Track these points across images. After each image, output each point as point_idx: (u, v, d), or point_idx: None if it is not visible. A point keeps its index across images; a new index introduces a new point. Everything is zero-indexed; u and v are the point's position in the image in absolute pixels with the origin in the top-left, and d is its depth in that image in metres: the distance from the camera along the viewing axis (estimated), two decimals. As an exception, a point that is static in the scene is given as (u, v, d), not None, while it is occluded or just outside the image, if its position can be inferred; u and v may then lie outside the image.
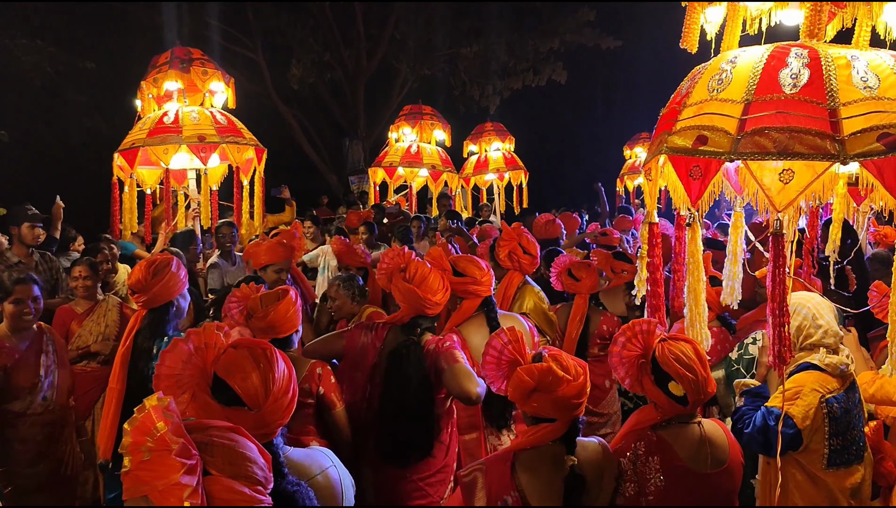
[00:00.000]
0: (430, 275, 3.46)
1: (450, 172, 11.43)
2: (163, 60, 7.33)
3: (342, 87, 18.17)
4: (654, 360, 2.54)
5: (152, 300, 3.60)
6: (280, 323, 3.15)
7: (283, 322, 3.16)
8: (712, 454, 2.58)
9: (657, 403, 2.58)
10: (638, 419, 2.66)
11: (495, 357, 2.59)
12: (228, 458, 1.59)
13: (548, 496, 2.40)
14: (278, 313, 3.13)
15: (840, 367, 2.98)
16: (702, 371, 2.51)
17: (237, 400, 1.91)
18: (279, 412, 1.96)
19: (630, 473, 2.51)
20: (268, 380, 1.94)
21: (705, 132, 2.75)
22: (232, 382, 1.92)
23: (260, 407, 1.91)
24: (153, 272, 3.59)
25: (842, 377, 3.00)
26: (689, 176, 2.77)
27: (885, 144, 2.55)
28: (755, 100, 2.69)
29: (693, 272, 3.05)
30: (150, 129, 6.97)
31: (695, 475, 2.53)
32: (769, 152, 2.59)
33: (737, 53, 2.96)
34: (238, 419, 1.83)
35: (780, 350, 2.65)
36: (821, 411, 2.93)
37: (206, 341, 1.98)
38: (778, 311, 2.64)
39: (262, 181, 7.49)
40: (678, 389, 2.49)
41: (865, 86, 2.66)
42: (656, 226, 3.13)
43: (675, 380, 2.49)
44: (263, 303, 3.18)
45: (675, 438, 2.56)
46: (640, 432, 2.59)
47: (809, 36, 2.85)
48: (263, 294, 3.24)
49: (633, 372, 2.58)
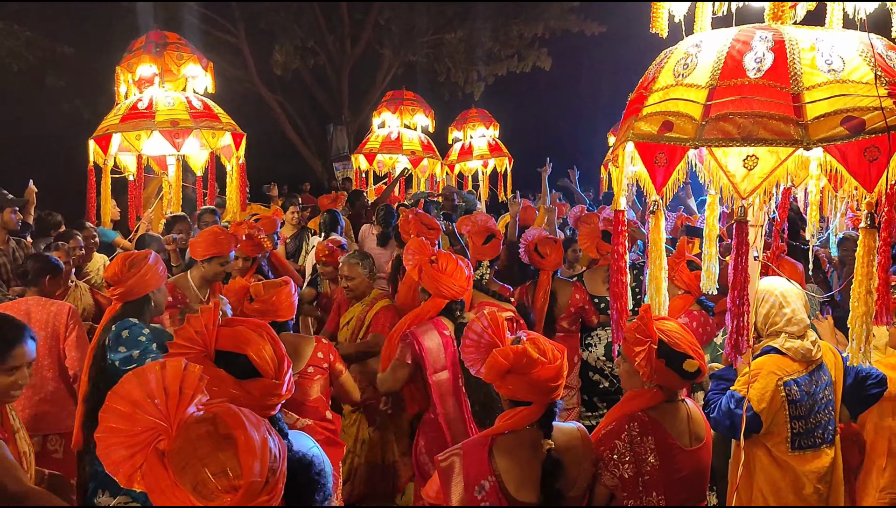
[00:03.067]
0: (457, 264, 3.85)
1: (431, 157, 11.36)
2: (138, 45, 7.25)
3: (326, 72, 18.08)
4: (662, 344, 2.58)
5: (127, 293, 3.53)
6: (283, 307, 3.47)
7: (286, 307, 3.48)
8: (695, 430, 2.69)
9: (666, 386, 2.62)
10: (633, 402, 2.68)
11: (475, 341, 2.64)
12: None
13: (525, 480, 2.43)
14: (280, 298, 3.45)
15: (801, 351, 3.00)
16: (698, 343, 2.64)
17: (253, 372, 1.98)
18: (286, 382, 2.05)
19: (628, 455, 2.55)
20: (278, 351, 2.06)
21: (671, 118, 2.73)
22: (249, 353, 1.99)
23: (275, 376, 2.01)
24: (129, 265, 3.54)
25: (804, 360, 3.02)
26: (654, 163, 2.75)
27: (848, 127, 2.54)
28: (719, 85, 2.67)
29: (654, 260, 3.03)
30: (123, 114, 6.90)
31: (682, 451, 2.61)
32: (733, 139, 2.57)
33: (702, 38, 2.94)
34: (255, 388, 1.95)
35: (738, 340, 2.66)
36: (778, 393, 2.96)
37: (206, 321, 2.02)
38: (738, 300, 2.65)
39: (242, 167, 7.40)
40: (692, 365, 2.56)
41: (830, 69, 2.64)
42: (622, 213, 3.11)
43: (693, 357, 2.55)
44: (266, 289, 3.48)
45: (664, 417, 2.63)
46: (632, 414, 2.62)
47: (774, 18, 2.83)
48: (266, 282, 3.57)
49: (649, 361, 2.59)
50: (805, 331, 3.10)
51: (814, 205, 3.59)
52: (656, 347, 2.57)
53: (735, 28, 2.91)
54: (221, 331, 2.03)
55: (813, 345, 3.06)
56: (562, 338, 5.19)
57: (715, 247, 3.10)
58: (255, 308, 3.43)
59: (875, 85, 2.58)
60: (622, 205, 3.10)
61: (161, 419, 1.49)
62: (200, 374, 1.58)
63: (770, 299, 3.10)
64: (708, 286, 3.16)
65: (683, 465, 2.60)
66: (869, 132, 2.52)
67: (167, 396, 1.51)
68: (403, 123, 11.36)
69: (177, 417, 1.50)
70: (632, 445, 2.55)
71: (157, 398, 1.50)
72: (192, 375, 1.56)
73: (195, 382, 1.56)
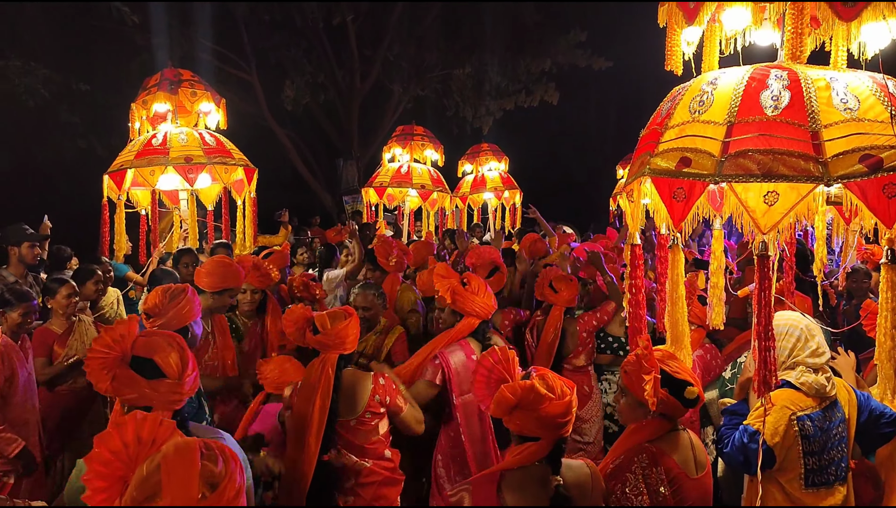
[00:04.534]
0: (485, 285, 4.01)
1: (440, 191, 11.45)
2: (153, 82, 7.36)
3: (336, 107, 18.26)
4: (665, 373, 2.62)
5: (167, 325, 3.48)
6: (349, 340, 3.40)
7: (352, 340, 3.42)
8: (698, 458, 2.71)
9: (669, 414, 2.66)
10: (638, 434, 2.69)
11: (485, 376, 2.62)
12: None
13: None
14: (347, 330, 3.38)
15: (815, 386, 2.97)
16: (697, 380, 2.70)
17: (159, 373, 2.36)
18: (190, 384, 2.42)
19: (642, 486, 2.54)
20: (183, 357, 2.43)
21: (688, 154, 2.75)
22: (156, 358, 2.38)
23: (178, 378, 2.37)
24: (169, 297, 3.52)
25: (818, 396, 2.99)
26: (672, 198, 2.76)
27: (867, 165, 2.56)
28: (738, 122, 2.70)
29: (672, 295, 3.03)
30: (138, 150, 6.98)
31: (689, 480, 2.63)
32: (753, 175, 2.59)
33: (717, 75, 2.97)
34: (160, 387, 2.35)
35: (766, 375, 2.64)
36: (791, 428, 2.93)
37: (122, 331, 2.40)
38: (764, 334, 2.64)
39: (253, 201, 7.47)
40: (693, 392, 2.61)
41: (846, 108, 2.68)
42: (638, 247, 3.12)
43: (693, 384, 2.61)
44: (332, 320, 3.40)
45: (670, 446, 2.65)
46: (639, 446, 2.63)
47: (792, 58, 2.87)
48: (330, 313, 3.46)
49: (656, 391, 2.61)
50: (823, 365, 3.08)
51: (821, 240, 3.60)
52: (658, 377, 2.61)
53: (749, 66, 2.95)
54: (138, 339, 2.41)
55: (828, 381, 3.03)
56: (570, 373, 5.16)
57: (722, 280, 3.10)
58: (318, 340, 3.36)
59: (891, 124, 2.61)
60: (637, 240, 3.11)
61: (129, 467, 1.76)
62: (174, 427, 1.86)
63: (795, 332, 3.07)
64: (716, 321, 3.15)
65: (691, 493, 2.63)
66: (887, 169, 2.56)
67: (139, 445, 1.80)
68: (413, 157, 11.47)
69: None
70: (644, 476, 2.55)
71: (130, 446, 1.79)
72: (166, 428, 1.85)
73: (167, 434, 1.83)
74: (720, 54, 3.32)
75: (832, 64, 3.15)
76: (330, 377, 3.29)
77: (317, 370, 3.32)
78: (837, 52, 3.16)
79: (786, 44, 2.90)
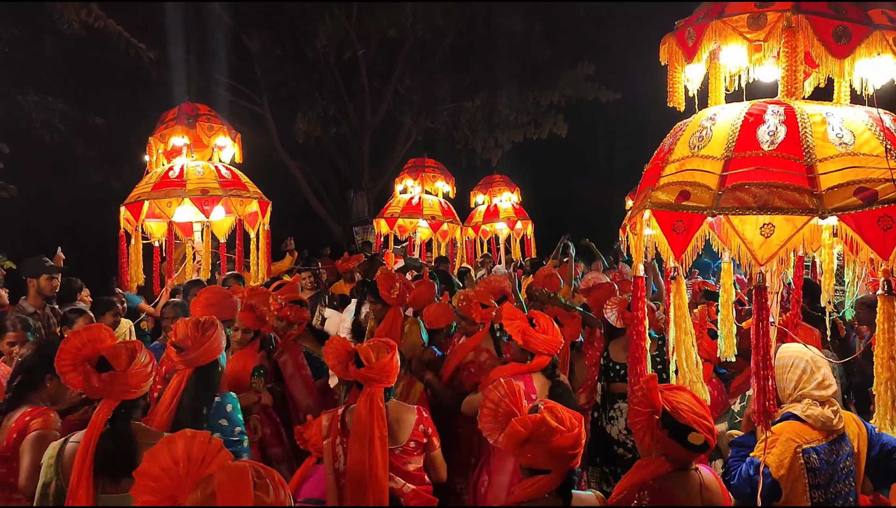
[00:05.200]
0: (551, 321, 4.20)
1: (451, 222, 11.56)
2: (170, 116, 7.54)
3: (347, 139, 18.47)
4: (666, 414, 2.56)
5: (199, 359, 3.44)
6: (392, 373, 3.43)
7: (395, 373, 3.45)
8: (708, 499, 2.64)
9: (672, 456, 2.59)
10: (643, 470, 2.67)
11: (492, 410, 2.63)
12: None
13: None
14: (391, 364, 3.42)
15: (821, 419, 2.98)
16: (710, 415, 2.58)
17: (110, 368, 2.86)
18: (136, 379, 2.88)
19: None
20: (133, 357, 2.90)
21: (688, 188, 2.84)
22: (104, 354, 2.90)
23: (123, 370, 2.84)
24: (201, 330, 3.47)
25: (824, 429, 2.99)
26: (672, 230, 2.85)
27: (862, 198, 2.64)
28: (735, 156, 2.79)
29: (680, 326, 3.09)
30: (155, 183, 7.14)
31: None
32: (750, 207, 2.67)
33: (716, 111, 3.07)
34: (110, 379, 2.84)
35: (765, 405, 2.69)
36: (797, 460, 2.93)
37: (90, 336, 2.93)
38: (762, 364, 2.69)
39: (267, 234, 7.61)
40: (698, 438, 2.53)
41: (841, 142, 2.76)
42: (641, 279, 3.19)
43: (696, 430, 2.52)
44: (377, 353, 3.43)
45: (676, 485, 2.60)
46: (642, 483, 2.60)
47: (788, 94, 2.96)
48: (373, 345, 3.49)
49: (650, 430, 2.59)
50: (830, 398, 3.10)
51: (828, 272, 3.66)
52: (658, 417, 2.56)
53: (747, 102, 3.05)
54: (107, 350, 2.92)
55: (834, 414, 3.03)
56: None
57: (732, 312, 3.15)
58: (363, 374, 3.39)
59: (886, 158, 2.69)
60: (641, 271, 3.18)
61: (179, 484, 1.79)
62: (220, 445, 1.88)
63: (800, 364, 3.09)
64: (727, 353, 3.19)
65: None
66: (882, 202, 2.63)
67: (189, 463, 1.82)
68: (425, 189, 11.62)
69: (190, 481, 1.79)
70: None
71: (180, 463, 1.81)
72: (215, 446, 1.87)
73: (215, 452, 1.85)
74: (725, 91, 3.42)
75: (835, 99, 3.25)
76: (381, 409, 3.34)
77: (365, 406, 3.34)
78: (840, 87, 3.26)
79: (782, 81, 2.99)
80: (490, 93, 17.10)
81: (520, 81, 17.27)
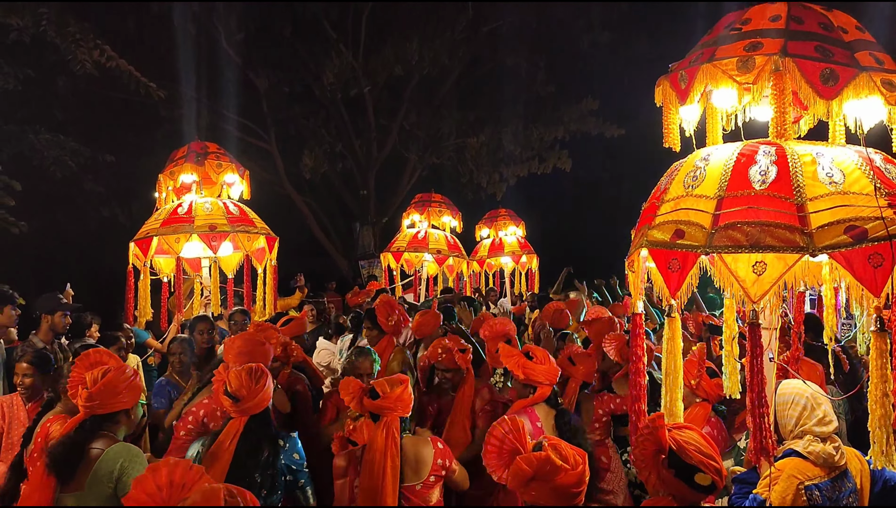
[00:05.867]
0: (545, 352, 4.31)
1: (457, 256, 11.64)
2: (180, 154, 7.69)
3: (353, 175, 18.67)
4: (673, 453, 2.52)
5: (254, 407, 3.47)
6: (405, 404, 3.55)
7: (408, 404, 3.57)
8: None
9: (678, 496, 2.55)
10: None
11: (496, 446, 2.64)
12: None
13: None
14: (403, 395, 3.53)
15: (823, 455, 2.98)
16: (718, 456, 2.54)
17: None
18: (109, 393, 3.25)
19: None
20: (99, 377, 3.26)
21: (682, 226, 2.91)
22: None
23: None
24: (255, 380, 3.50)
25: (826, 465, 2.99)
26: (668, 268, 2.91)
27: (852, 236, 2.70)
28: (727, 195, 2.87)
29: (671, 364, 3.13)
30: (164, 219, 7.26)
31: None
32: (742, 246, 2.74)
33: (710, 151, 3.16)
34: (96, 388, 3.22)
35: (762, 441, 2.71)
36: (800, 497, 2.93)
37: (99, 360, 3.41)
38: (757, 401, 2.73)
39: (274, 269, 7.70)
40: (705, 479, 2.49)
41: (831, 181, 2.84)
42: (640, 317, 3.24)
43: (703, 470, 2.48)
44: (391, 386, 3.56)
45: None
46: None
47: (778, 136, 3.04)
48: (388, 379, 3.63)
49: (655, 469, 2.56)
50: (831, 434, 3.12)
51: (829, 307, 3.70)
52: (665, 456, 2.53)
53: (740, 142, 3.13)
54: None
55: (836, 451, 3.02)
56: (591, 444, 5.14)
57: (735, 348, 3.19)
58: (379, 405, 3.49)
59: (875, 196, 2.76)
60: (640, 308, 3.24)
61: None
62: (202, 472, 2.14)
63: (801, 401, 3.08)
64: (732, 391, 3.21)
65: None
66: (871, 240, 2.69)
67: (171, 488, 2.08)
68: (431, 224, 11.73)
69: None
70: None
71: (164, 489, 2.08)
72: (195, 472, 2.13)
73: (196, 478, 2.11)
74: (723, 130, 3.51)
75: (830, 138, 3.33)
76: (397, 440, 3.44)
77: (381, 435, 3.44)
78: (835, 127, 3.34)
79: (772, 122, 3.08)
80: (495, 128, 17.30)
81: (524, 117, 17.47)
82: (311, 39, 16.44)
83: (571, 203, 20.79)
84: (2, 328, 5.76)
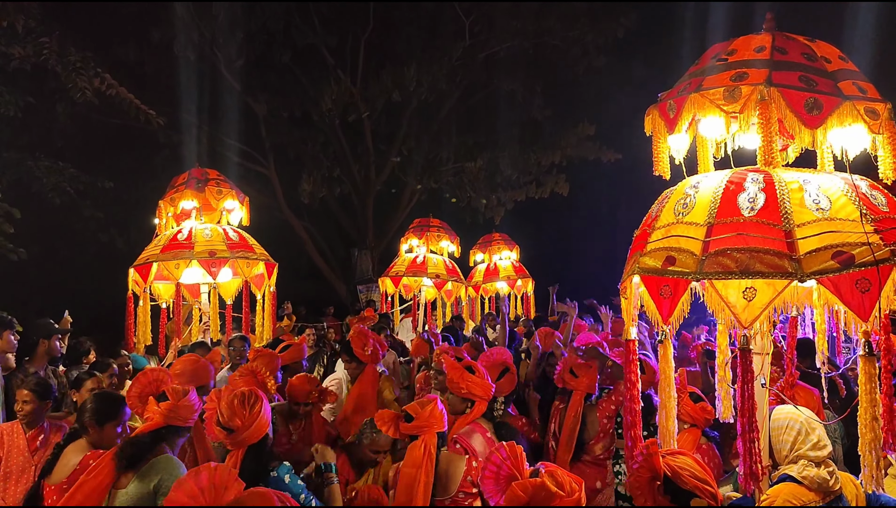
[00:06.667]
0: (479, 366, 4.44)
1: (455, 281, 11.68)
2: (181, 181, 7.77)
3: (351, 199, 18.77)
4: (668, 480, 2.54)
5: (250, 437, 3.22)
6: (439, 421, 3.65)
7: (441, 421, 3.66)
8: None
9: None
10: None
11: (494, 472, 2.66)
12: None
13: None
14: (435, 413, 3.64)
15: (817, 480, 3.00)
16: (713, 480, 2.56)
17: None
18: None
19: None
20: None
21: (673, 253, 2.96)
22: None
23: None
24: (248, 408, 3.23)
25: (821, 490, 2.97)
26: (660, 295, 2.96)
27: (839, 261, 2.75)
28: (717, 222, 2.92)
29: (664, 389, 3.17)
30: (164, 245, 7.32)
31: None
32: (732, 272, 2.78)
33: (699, 179, 3.22)
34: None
35: (752, 467, 2.73)
36: None
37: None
38: (748, 427, 2.75)
39: (272, 295, 7.74)
40: (701, 504, 2.51)
41: (818, 208, 2.89)
42: (633, 343, 3.27)
43: (699, 495, 2.50)
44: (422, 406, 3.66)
45: None
46: None
47: (765, 163, 3.10)
48: (419, 401, 3.75)
49: (651, 496, 2.58)
50: (825, 459, 3.14)
51: (820, 333, 3.73)
52: (660, 483, 2.56)
53: (729, 170, 3.19)
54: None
55: (830, 475, 2.99)
56: (589, 464, 5.15)
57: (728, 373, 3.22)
58: (415, 426, 3.59)
59: (861, 222, 2.81)
60: (633, 335, 3.27)
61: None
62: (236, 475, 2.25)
63: (795, 426, 3.06)
64: (725, 415, 3.23)
65: None
66: (858, 265, 2.73)
67: (214, 490, 2.16)
68: (430, 249, 11.79)
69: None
70: None
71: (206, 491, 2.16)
72: (233, 475, 2.21)
73: (233, 482, 2.19)
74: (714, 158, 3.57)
75: (819, 165, 3.39)
76: (432, 456, 3.51)
77: (419, 450, 3.53)
78: (823, 154, 3.41)
79: (759, 150, 3.14)
80: (492, 153, 17.41)
81: (521, 142, 17.58)
82: (309, 66, 16.62)
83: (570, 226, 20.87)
84: (1, 355, 5.77)
